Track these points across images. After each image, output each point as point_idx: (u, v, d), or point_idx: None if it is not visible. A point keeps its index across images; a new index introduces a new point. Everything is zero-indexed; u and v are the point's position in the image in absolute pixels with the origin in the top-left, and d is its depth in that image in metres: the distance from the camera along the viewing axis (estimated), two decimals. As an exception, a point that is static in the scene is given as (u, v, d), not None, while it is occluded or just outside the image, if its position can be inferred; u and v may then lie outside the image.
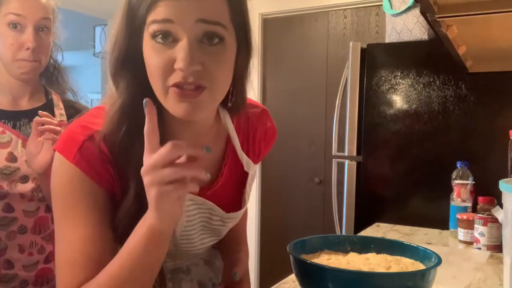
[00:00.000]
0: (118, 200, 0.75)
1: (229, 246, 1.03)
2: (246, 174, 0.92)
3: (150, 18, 0.69)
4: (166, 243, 0.69)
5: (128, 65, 0.74)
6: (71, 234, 0.73)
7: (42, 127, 1.11)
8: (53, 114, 1.27)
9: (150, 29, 0.69)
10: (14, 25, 1.17)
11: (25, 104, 1.26)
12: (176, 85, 0.69)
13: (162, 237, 0.67)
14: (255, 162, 0.96)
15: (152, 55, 0.70)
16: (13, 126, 1.23)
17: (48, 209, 1.23)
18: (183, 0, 0.68)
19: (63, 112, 1.30)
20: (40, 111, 1.14)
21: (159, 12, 0.68)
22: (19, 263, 1.19)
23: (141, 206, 0.70)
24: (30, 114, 1.23)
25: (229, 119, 0.89)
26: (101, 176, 0.74)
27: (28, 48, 1.18)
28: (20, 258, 1.19)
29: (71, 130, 0.76)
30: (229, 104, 0.84)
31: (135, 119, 0.73)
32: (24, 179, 1.20)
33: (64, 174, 0.73)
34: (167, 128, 0.78)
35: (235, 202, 0.92)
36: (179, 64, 0.67)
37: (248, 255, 1.08)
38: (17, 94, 1.26)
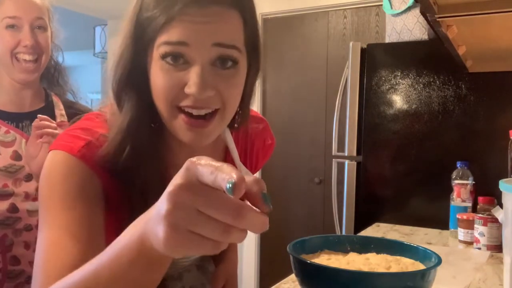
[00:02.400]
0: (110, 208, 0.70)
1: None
2: None
3: (162, 38, 0.66)
4: (166, 266, 0.52)
5: (133, 83, 0.71)
6: (64, 229, 0.64)
7: (40, 131, 1.12)
8: (53, 115, 1.29)
9: (160, 49, 0.66)
10: (10, 26, 1.19)
11: (27, 106, 1.28)
12: (186, 109, 0.67)
13: (163, 260, 0.51)
14: (252, 173, 0.94)
15: (161, 76, 0.67)
16: (16, 127, 1.25)
17: None
18: (199, 23, 0.64)
19: (63, 112, 1.32)
20: (39, 115, 1.15)
21: (173, 34, 0.65)
22: (25, 259, 1.20)
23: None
24: (32, 116, 1.26)
25: (228, 132, 0.87)
26: (102, 174, 0.69)
27: (25, 46, 1.19)
28: (26, 254, 1.20)
29: (73, 131, 0.72)
30: (235, 125, 0.82)
31: (139, 140, 0.70)
32: (28, 177, 1.21)
33: (64, 167, 0.68)
34: (165, 145, 0.77)
35: None
36: (191, 89, 0.65)
37: (235, 263, 1.06)
38: (19, 96, 1.28)
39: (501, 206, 1.00)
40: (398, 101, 2.14)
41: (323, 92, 3.19)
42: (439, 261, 0.80)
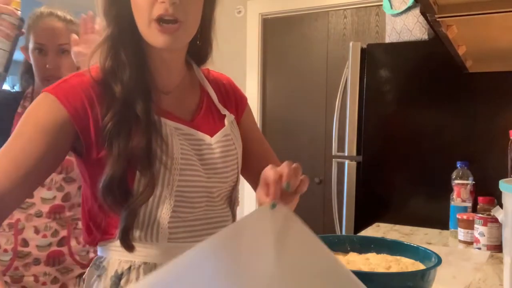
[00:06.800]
0: (81, 142, 0.85)
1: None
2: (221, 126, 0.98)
3: None
4: None
5: (119, 4, 0.88)
6: (20, 145, 0.82)
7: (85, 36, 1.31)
8: None
9: None
10: (39, 50, 1.38)
11: None
12: (158, 18, 0.83)
13: None
14: (238, 114, 1.05)
15: None
16: None
17: (65, 198, 1.38)
18: None
19: None
20: (83, 15, 1.33)
21: None
22: (33, 242, 1.36)
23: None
24: None
25: (200, 73, 1.01)
26: (73, 106, 0.83)
27: (49, 69, 1.37)
28: (35, 238, 1.36)
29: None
30: (198, 42, 0.96)
31: (123, 45, 0.87)
32: None
33: (41, 101, 0.85)
34: (148, 62, 0.91)
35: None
36: None
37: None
38: None
39: (501, 206, 1.00)
40: (398, 101, 2.13)
41: (323, 92, 3.19)
42: (439, 261, 0.80)
